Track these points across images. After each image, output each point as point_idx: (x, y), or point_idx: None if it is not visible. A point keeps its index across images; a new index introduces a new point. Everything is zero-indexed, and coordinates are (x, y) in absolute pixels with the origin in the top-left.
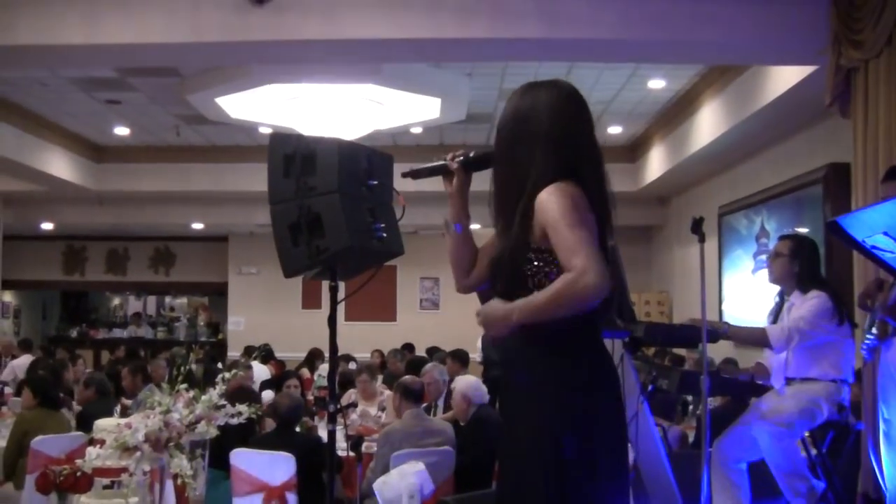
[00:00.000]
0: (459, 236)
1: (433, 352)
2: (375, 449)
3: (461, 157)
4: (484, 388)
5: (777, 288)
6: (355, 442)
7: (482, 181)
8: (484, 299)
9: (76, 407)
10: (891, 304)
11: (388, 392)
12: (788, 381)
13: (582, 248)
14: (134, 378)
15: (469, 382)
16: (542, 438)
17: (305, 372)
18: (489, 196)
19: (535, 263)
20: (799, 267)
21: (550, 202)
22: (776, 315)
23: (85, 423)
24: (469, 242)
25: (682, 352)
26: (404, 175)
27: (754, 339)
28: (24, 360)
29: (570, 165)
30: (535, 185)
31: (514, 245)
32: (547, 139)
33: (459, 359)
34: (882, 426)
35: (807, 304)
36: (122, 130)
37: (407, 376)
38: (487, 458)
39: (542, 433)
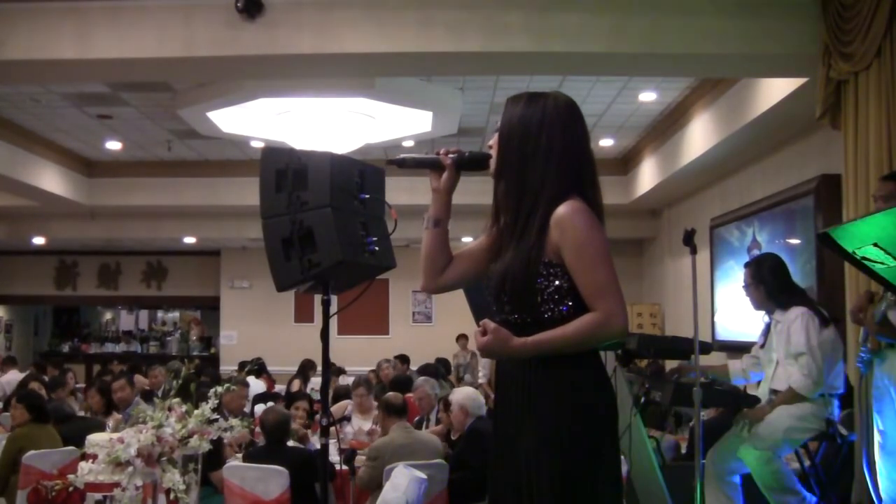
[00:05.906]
0: (438, 233)
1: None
2: (364, 460)
3: (455, 155)
4: (482, 400)
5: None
6: (348, 456)
7: (474, 195)
8: (476, 309)
9: None
10: (878, 322)
11: None
12: (773, 391)
13: (611, 289)
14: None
15: (467, 394)
16: (542, 449)
17: (296, 384)
18: (493, 202)
19: (546, 278)
20: (764, 287)
21: (574, 224)
22: (766, 335)
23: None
24: (446, 242)
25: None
26: (390, 162)
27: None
28: (12, 376)
29: (581, 180)
30: (552, 200)
31: (528, 259)
32: (561, 154)
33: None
34: (877, 437)
35: (794, 328)
36: (113, 145)
37: (389, 392)
38: (482, 470)
39: (544, 444)
